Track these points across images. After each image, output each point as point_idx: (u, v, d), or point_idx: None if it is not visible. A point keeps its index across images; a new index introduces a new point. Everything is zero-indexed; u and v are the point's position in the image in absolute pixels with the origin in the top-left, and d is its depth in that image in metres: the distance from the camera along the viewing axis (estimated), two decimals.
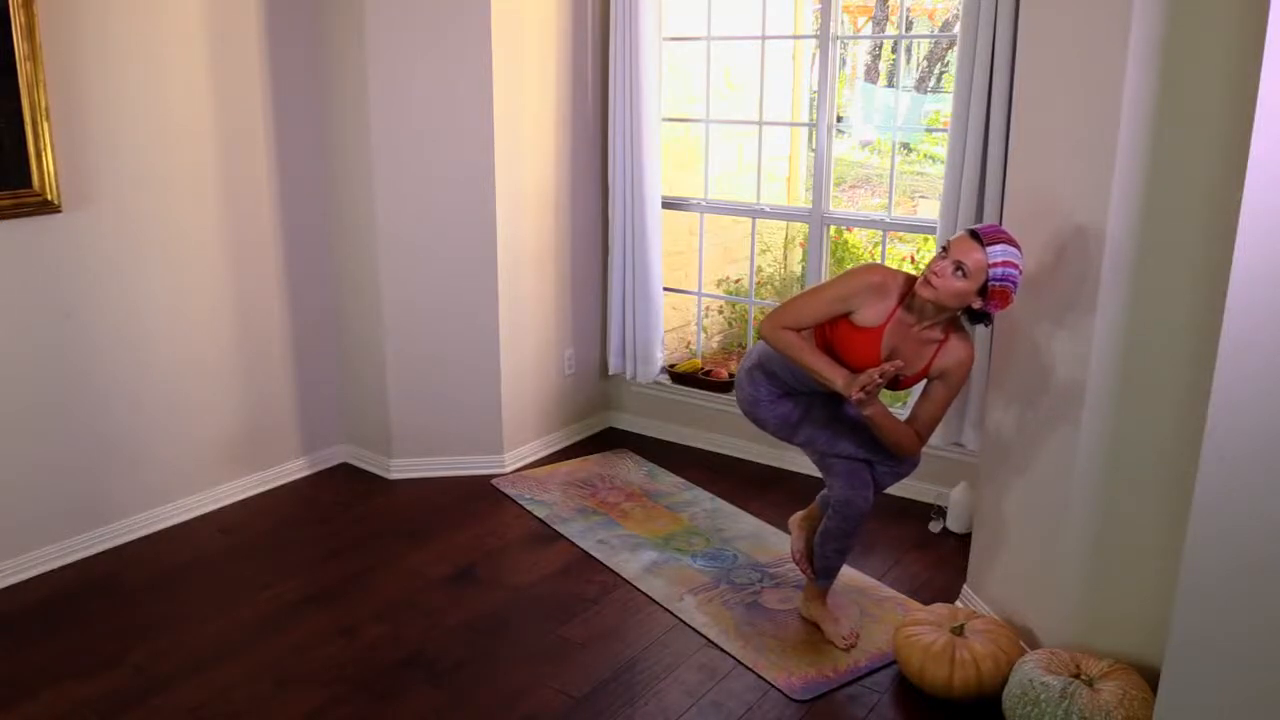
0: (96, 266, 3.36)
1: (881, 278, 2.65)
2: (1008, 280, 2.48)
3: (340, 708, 2.68)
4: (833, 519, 2.88)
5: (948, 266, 2.49)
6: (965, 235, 2.52)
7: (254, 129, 3.74)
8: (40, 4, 3.05)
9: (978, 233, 2.50)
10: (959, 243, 2.51)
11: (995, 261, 2.47)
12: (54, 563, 3.37)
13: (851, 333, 2.66)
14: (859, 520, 2.86)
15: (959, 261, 2.48)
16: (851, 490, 2.84)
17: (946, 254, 2.50)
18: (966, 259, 2.48)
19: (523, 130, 4.00)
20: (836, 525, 2.88)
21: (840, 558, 2.96)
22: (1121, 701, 2.37)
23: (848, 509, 2.84)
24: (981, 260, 2.47)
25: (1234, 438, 1.80)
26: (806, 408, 2.89)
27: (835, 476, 2.87)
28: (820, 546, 2.95)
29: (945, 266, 2.50)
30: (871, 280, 2.64)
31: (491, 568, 3.43)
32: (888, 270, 2.70)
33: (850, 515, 2.85)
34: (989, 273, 2.48)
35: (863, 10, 7.02)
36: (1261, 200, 1.72)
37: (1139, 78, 2.30)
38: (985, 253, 2.47)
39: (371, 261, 3.96)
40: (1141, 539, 2.54)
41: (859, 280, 2.65)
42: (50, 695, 2.71)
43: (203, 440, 3.78)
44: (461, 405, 4.11)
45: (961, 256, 2.48)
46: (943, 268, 2.50)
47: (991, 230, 2.51)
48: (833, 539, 2.91)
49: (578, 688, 2.78)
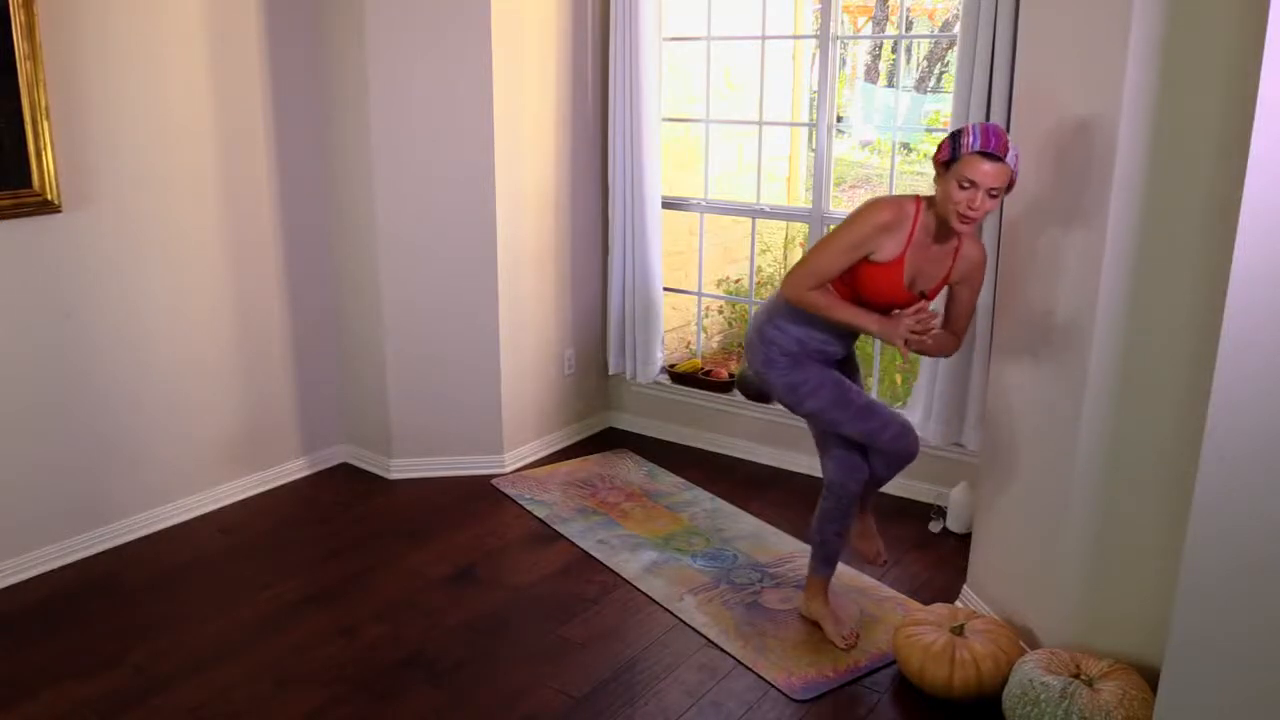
0: (96, 266, 3.36)
1: (892, 214, 2.60)
2: (1018, 163, 2.50)
3: (340, 708, 2.68)
4: (828, 499, 2.93)
5: (981, 197, 2.45)
6: (980, 159, 2.43)
7: (254, 129, 3.74)
8: (40, 4, 3.05)
9: (990, 151, 2.44)
10: (982, 171, 2.43)
11: (1013, 163, 2.47)
12: (54, 563, 3.37)
13: (873, 271, 2.63)
14: (851, 501, 2.91)
15: (993, 188, 2.46)
16: (844, 474, 2.89)
17: (975, 186, 2.44)
18: (998, 182, 2.45)
19: (523, 130, 4.00)
20: (833, 506, 2.92)
21: (841, 540, 2.98)
22: (1121, 701, 2.37)
23: (841, 491, 2.90)
24: (1007, 172, 2.46)
25: (1234, 438, 1.80)
26: (818, 382, 2.81)
27: (831, 459, 2.91)
28: (820, 532, 2.98)
29: (978, 197, 2.45)
30: (882, 220, 2.59)
31: (491, 568, 3.43)
32: (894, 203, 2.63)
33: (844, 497, 2.90)
34: (1013, 174, 2.48)
35: (863, 10, 7.02)
36: (1261, 200, 1.72)
37: (1139, 78, 2.30)
38: (1007, 163, 2.46)
39: (371, 261, 3.97)
40: (1141, 539, 2.54)
41: (870, 223, 2.60)
42: (50, 695, 2.71)
43: (203, 440, 3.78)
44: (461, 405, 4.12)
45: (994, 183, 2.45)
46: (978, 200, 2.45)
47: (996, 140, 2.45)
48: (832, 520, 2.94)
49: (578, 688, 2.78)
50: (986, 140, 2.44)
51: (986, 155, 2.43)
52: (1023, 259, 2.79)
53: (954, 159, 2.47)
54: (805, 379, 2.80)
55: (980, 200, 2.45)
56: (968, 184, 2.45)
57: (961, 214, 2.48)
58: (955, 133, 2.50)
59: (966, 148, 2.45)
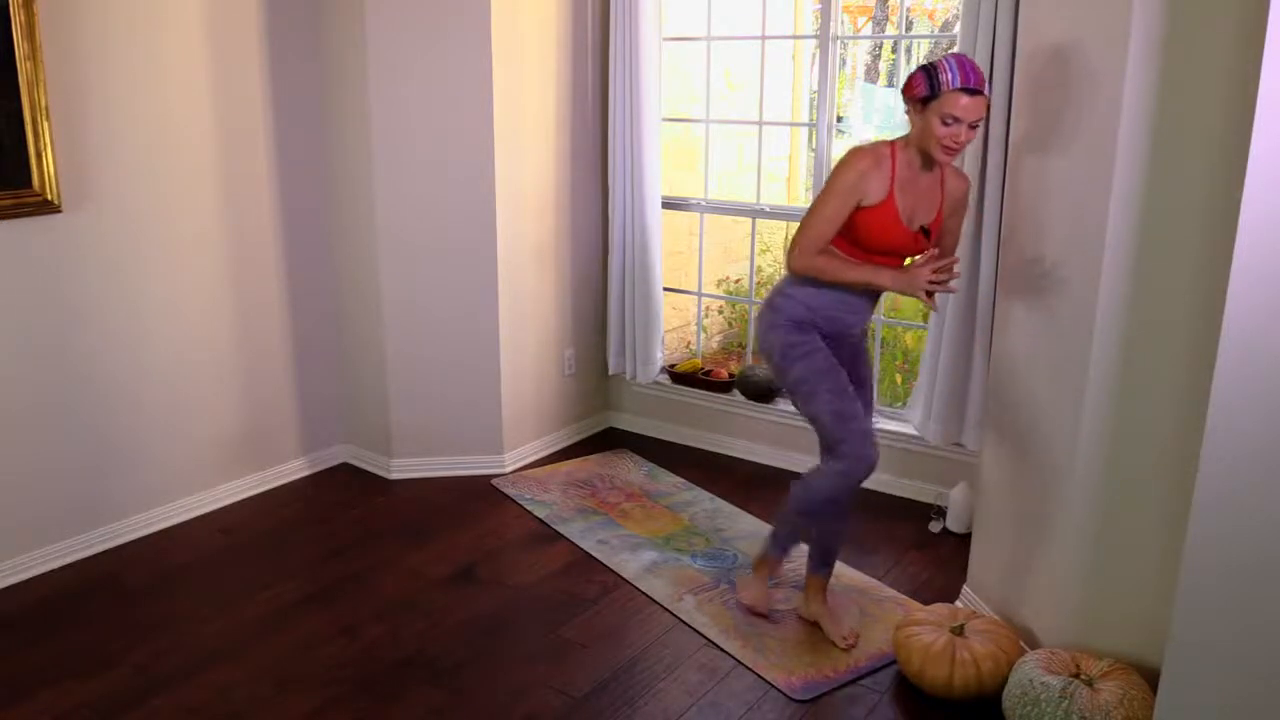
0: (96, 266, 3.36)
1: (869, 158, 2.64)
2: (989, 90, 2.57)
3: (340, 708, 2.68)
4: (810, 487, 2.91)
5: (964, 130, 2.51)
6: (962, 94, 2.48)
7: (254, 129, 3.74)
8: (40, 4, 3.05)
9: (971, 86, 2.48)
10: (965, 105, 2.48)
11: (988, 92, 2.54)
12: (54, 563, 3.38)
13: (868, 215, 2.65)
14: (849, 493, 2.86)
15: (975, 121, 2.52)
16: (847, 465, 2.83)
17: (959, 121, 2.49)
18: (979, 115, 2.52)
19: (523, 130, 4.00)
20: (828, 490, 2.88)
21: (838, 539, 2.99)
22: (1121, 701, 2.37)
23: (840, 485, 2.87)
24: (985, 102, 2.53)
25: (1234, 438, 1.80)
26: (814, 348, 2.79)
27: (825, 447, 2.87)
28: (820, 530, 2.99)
29: (962, 131, 2.51)
30: (861, 165, 2.63)
31: (491, 568, 3.43)
32: (870, 148, 2.67)
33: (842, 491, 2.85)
34: (988, 101, 2.55)
35: (863, 10, 7.02)
36: (1261, 200, 1.72)
37: (1139, 78, 2.30)
38: (985, 94, 2.52)
39: (371, 261, 3.97)
40: (1141, 539, 2.54)
41: (852, 169, 2.63)
42: (50, 695, 2.71)
43: (203, 440, 3.78)
44: (461, 405, 4.12)
45: (976, 116, 2.51)
46: (962, 133, 2.51)
47: (975, 74, 2.49)
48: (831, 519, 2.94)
49: (578, 688, 2.78)
50: (966, 76, 2.48)
51: (967, 90, 2.48)
52: (1023, 260, 2.79)
53: (933, 95, 2.51)
54: (804, 340, 2.79)
55: (963, 133, 2.52)
56: (951, 120, 2.50)
57: (946, 146, 2.54)
58: (929, 68, 2.52)
59: (947, 85, 2.48)
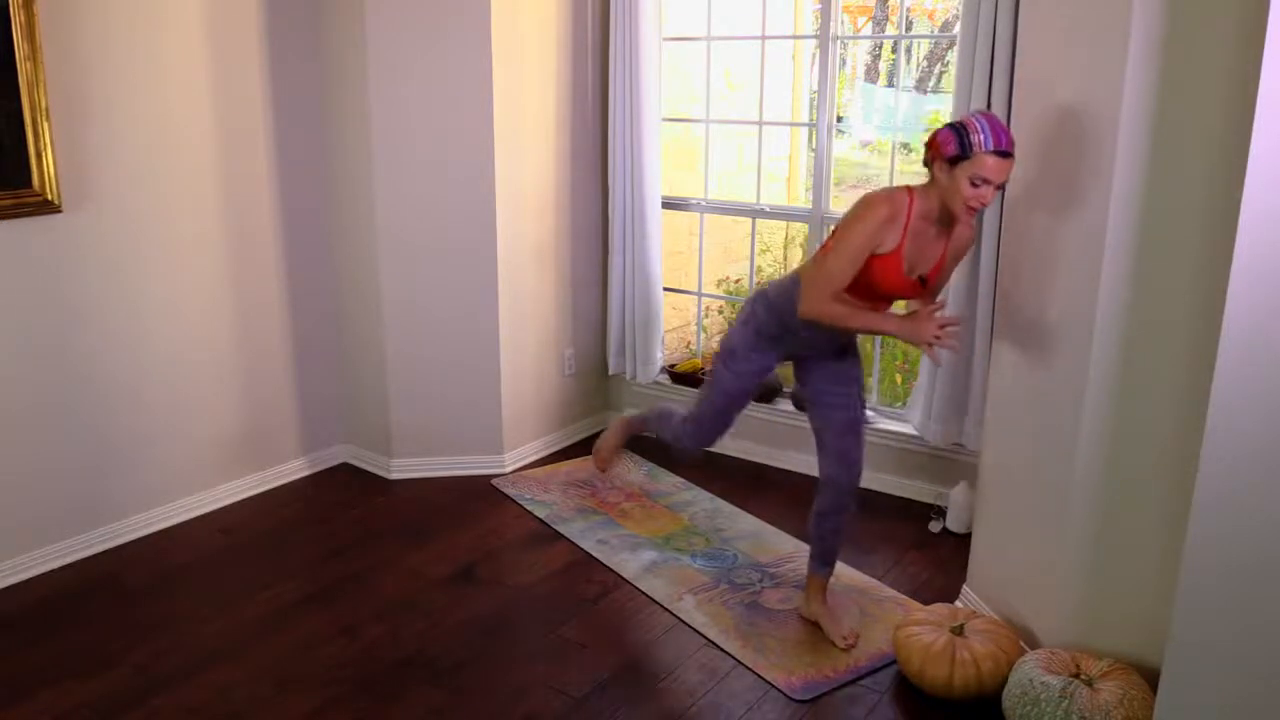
0: (96, 266, 3.36)
1: (889, 208, 2.61)
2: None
3: (340, 708, 2.68)
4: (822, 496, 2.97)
5: (992, 192, 2.50)
6: (998, 158, 2.46)
7: (254, 129, 3.74)
8: (40, 4, 3.05)
9: (1003, 149, 2.46)
10: (996, 167, 2.47)
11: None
12: (54, 563, 3.37)
13: (877, 263, 2.65)
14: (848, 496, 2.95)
15: (1003, 183, 2.52)
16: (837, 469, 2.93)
17: (990, 184, 2.48)
18: (1007, 176, 2.51)
19: (523, 130, 4.00)
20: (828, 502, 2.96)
21: (838, 537, 3.00)
22: (1121, 701, 2.37)
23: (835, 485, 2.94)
24: (1012, 163, 2.52)
25: (1234, 438, 1.80)
26: (748, 372, 2.93)
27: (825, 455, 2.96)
28: (817, 528, 3.01)
29: (989, 193, 2.50)
30: (882, 215, 2.61)
31: (491, 568, 3.43)
32: (888, 196, 2.65)
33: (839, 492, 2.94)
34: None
35: (863, 10, 7.02)
36: (1261, 200, 1.72)
37: (1139, 78, 2.30)
38: (1013, 156, 2.51)
39: (371, 261, 3.97)
40: (1141, 539, 2.54)
41: (874, 220, 2.61)
42: (50, 695, 2.71)
43: (203, 440, 3.78)
44: (461, 405, 4.11)
45: (1005, 178, 2.51)
46: (989, 195, 2.50)
47: (1006, 137, 2.47)
48: (827, 517, 2.98)
49: (578, 688, 2.78)
50: (999, 139, 2.46)
51: (999, 153, 2.46)
52: (1023, 259, 2.79)
53: (963, 156, 2.47)
54: (752, 358, 2.91)
55: (990, 194, 2.50)
56: (980, 182, 2.47)
57: (972, 207, 2.52)
58: (959, 126, 2.49)
59: (979, 146, 2.45)
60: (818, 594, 3.06)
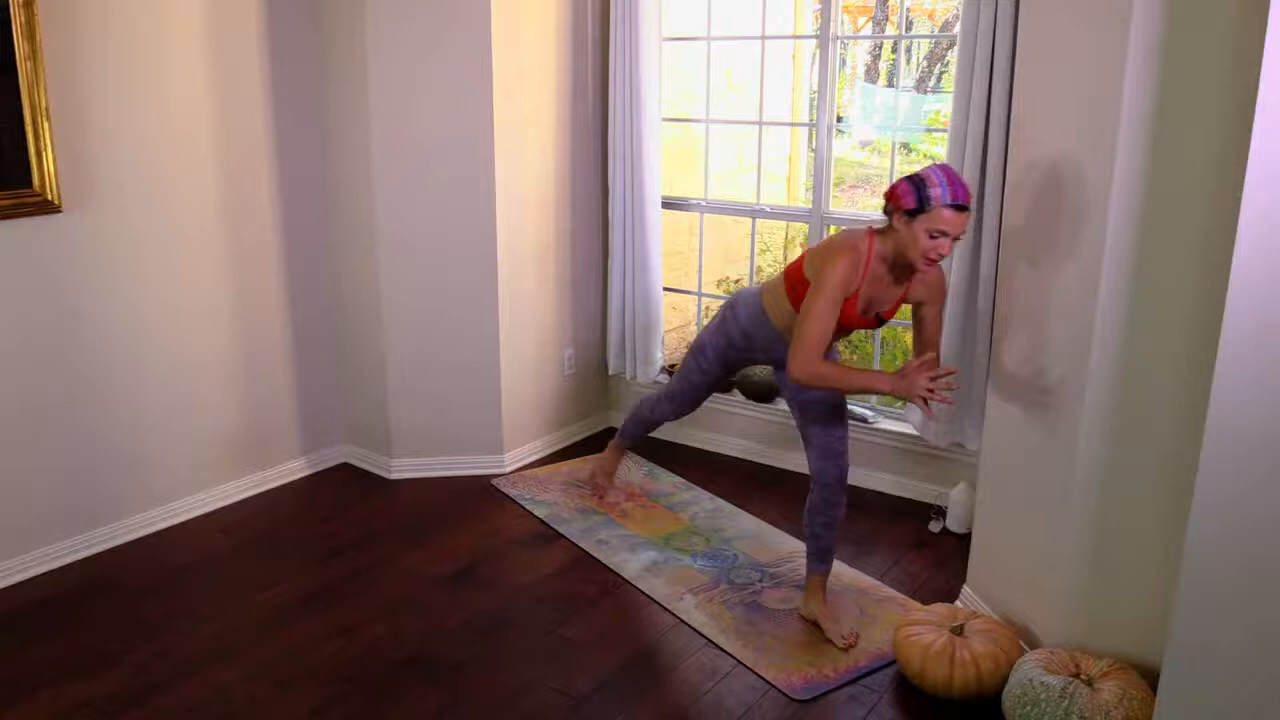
0: (96, 266, 3.36)
1: (850, 258, 2.67)
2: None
3: (340, 708, 2.68)
4: (814, 492, 3.01)
5: (949, 244, 2.57)
6: (954, 211, 2.52)
7: (254, 129, 3.74)
8: (40, 4, 3.05)
9: (960, 203, 2.53)
10: (952, 220, 2.53)
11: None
12: (54, 563, 3.38)
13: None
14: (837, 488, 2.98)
15: (960, 235, 2.59)
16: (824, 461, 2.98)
17: (947, 236, 2.54)
18: (964, 228, 2.58)
19: (523, 130, 4.00)
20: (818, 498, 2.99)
21: (830, 533, 3.01)
22: (1121, 701, 2.38)
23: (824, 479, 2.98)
24: (969, 216, 2.60)
25: (1234, 438, 1.80)
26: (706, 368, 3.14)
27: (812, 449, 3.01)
28: (810, 525, 3.03)
29: (946, 244, 2.56)
30: (846, 269, 2.66)
31: (491, 568, 3.43)
32: (850, 246, 2.69)
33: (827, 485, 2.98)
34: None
35: (863, 10, 7.02)
36: (1261, 200, 1.72)
37: (1139, 78, 2.30)
38: (970, 210, 2.58)
39: (371, 261, 3.97)
40: (1141, 539, 2.54)
41: (840, 275, 2.66)
42: (50, 695, 2.71)
43: (203, 440, 3.78)
44: (461, 405, 4.11)
45: (962, 230, 2.57)
46: (947, 246, 2.57)
47: (963, 190, 2.54)
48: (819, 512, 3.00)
49: (578, 688, 2.78)
50: (955, 193, 2.52)
51: (956, 206, 2.52)
52: (1023, 259, 2.79)
53: (921, 209, 2.53)
54: (716, 358, 3.11)
55: (948, 246, 2.57)
56: (938, 234, 2.54)
57: (930, 259, 2.58)
58: (916, 180, 2.55)
59: (936, 200, 2.52)
60: (817, 593, 3.06)
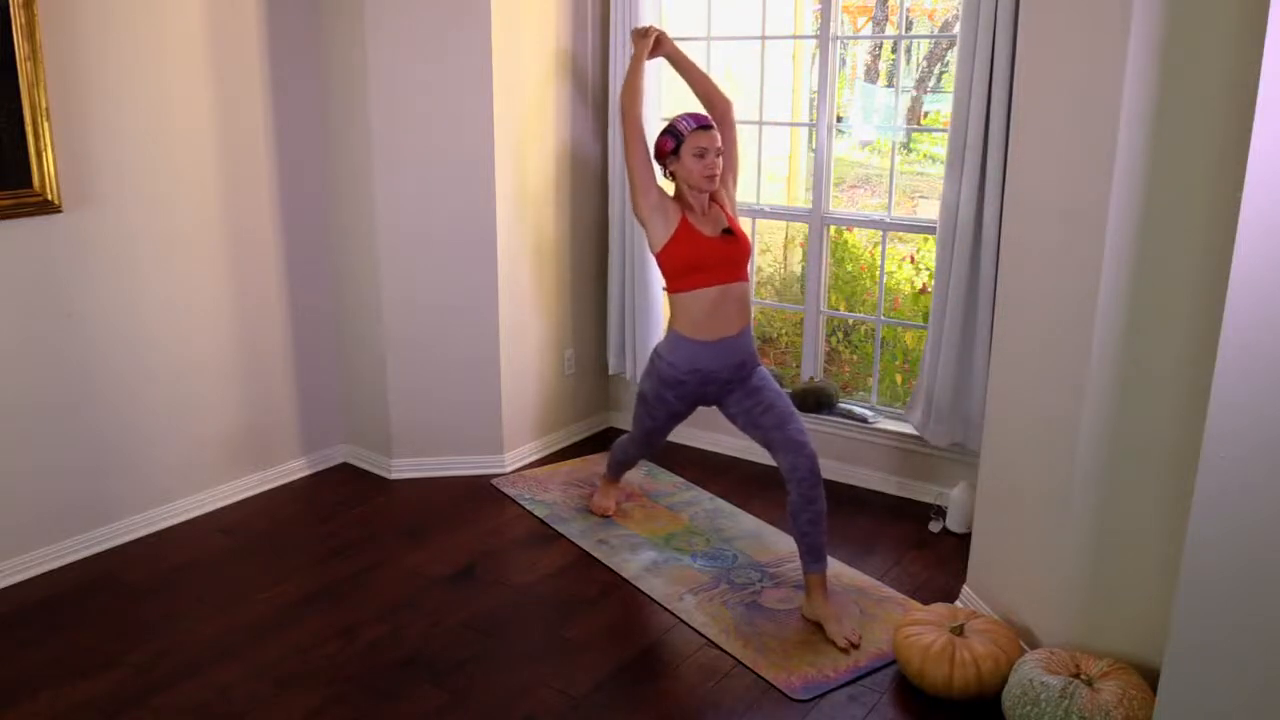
0: (96, 266, 3.36)
1: (659, 197, 3.13)
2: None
3: (340, 708, 2.68)
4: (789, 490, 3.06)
5: (713, 157, 3.05)
6: (699, 129, 3.06)
7: (254, 129, 3.75)
8: (40, 4, 3.05)
9: (702, 122, 3.08)
10: (708, 137, 3.05)
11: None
12: (54, 563, 3.38)
13: (672, 247, 3.09)
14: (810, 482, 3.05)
15: (719, 148, 3.07)
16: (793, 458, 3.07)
17: (708, 153, 3.03)
18: (717, 143, 3.07)
19: (523, 130, 4.00)
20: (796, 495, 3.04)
21: (816, 529, 3.02)
22: (1121, 701, 2.38)
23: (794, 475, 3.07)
24: (718, 134, 3.11)
25: (1234, 438, 1.80)
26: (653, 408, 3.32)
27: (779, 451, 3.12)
28: (796, 526, 3.05)
29: (713, 160, 3.05)
30: (661, 194, 3.13)
31: (491, 568, 3.43)
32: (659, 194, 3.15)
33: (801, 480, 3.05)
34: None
35: (863, 10, 7.02)
36: (1261, 200, 1.72)
37: (1139, 78, 2.30)
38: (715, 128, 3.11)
39: (371, 261, 3.97)
40: (1141, 539, 2.54)
41: (652, 199, 3.12)
42: (50, 695, 2.71)
43: (203, 440, 3.78)
44: (461, 405, 4.12)
45: (717, 145, 3.06)
46: (715, 161, 3.06)
47: (703, 117, 3.13)
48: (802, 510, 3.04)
49: (578, 688, 2.78)
50: (697, 119, 3.09)
51: (702, 127, 3.07)
52: (1023, 259, 2.79)
53: (680, 140, 3.06)
54: (662, 397, 3.26)
55: (714, 160, 3.06)
56: (700, 152, 3.04)
57: (707, 175, 3.06)
58: (666, 129, 3.10)
59: (685, 128, 3.07)
60: (818, 594, 3.06)
